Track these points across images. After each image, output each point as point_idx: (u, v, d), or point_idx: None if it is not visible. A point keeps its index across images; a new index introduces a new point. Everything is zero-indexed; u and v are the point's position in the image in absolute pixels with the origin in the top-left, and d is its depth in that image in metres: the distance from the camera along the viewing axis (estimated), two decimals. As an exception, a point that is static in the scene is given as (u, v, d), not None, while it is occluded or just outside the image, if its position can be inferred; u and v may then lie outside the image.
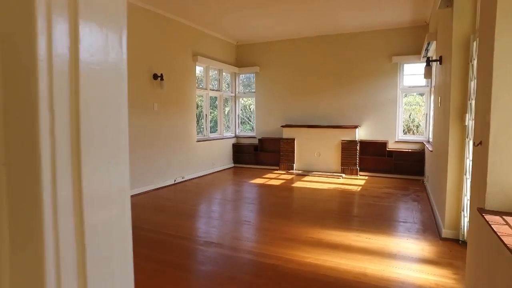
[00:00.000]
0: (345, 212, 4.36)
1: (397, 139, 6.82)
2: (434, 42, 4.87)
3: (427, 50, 5.38)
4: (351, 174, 6.83)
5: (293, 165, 7.42)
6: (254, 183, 6.20)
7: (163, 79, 5.62)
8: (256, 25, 6.69)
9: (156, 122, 5.71)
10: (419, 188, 5.62)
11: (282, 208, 4.54)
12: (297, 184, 6.10)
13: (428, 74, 3.90)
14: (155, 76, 5.56)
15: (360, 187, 5.82)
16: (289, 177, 6.80)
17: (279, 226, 3.76)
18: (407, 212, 4.28)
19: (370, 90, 6.92)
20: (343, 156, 6.90)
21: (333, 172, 7.02)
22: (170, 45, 5.98)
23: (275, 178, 6.70)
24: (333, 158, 7.06)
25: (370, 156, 6.89)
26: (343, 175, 6.79)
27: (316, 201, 4.89)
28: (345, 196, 5.22)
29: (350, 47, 7.02)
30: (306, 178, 6.61)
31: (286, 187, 5.83)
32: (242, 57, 8.28)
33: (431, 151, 4.80)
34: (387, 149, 6.73)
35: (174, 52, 6.09)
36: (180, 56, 6.25)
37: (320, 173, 7.03)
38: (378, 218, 4.05)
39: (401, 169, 6.62)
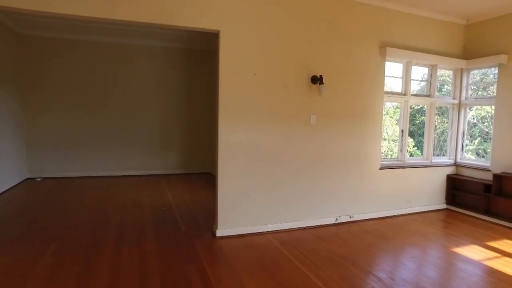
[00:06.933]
0: None
1: None
2: None
3: None
4: None
5: None
6: (465, 258, 3.55)
7: (322, 83, 4.07)
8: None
9: (312, 140, 4.25)
10: None
11: None
12: None
13: None
14: (314, 80, 4.10)
15: None
16: (548, 257, 3.59)
17: None
18: None
19: None
20: None
21: None
22: (339, 35, 4.31)
23: (513, 252, 3.70)
24: None
25: None
26: None
27: None
28: None
29: None
30: None
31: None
32: (474, 43, 5.33)
33: None
34: None
35: (347, 44, 4.36)
36: (356, 50, 4.44)
37: None
38: None
39: None
